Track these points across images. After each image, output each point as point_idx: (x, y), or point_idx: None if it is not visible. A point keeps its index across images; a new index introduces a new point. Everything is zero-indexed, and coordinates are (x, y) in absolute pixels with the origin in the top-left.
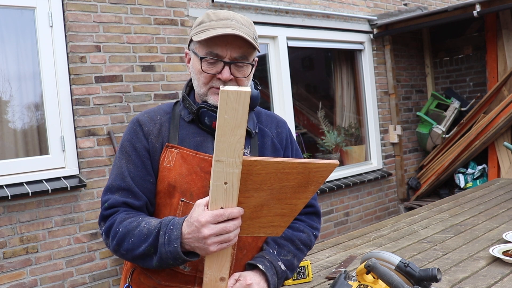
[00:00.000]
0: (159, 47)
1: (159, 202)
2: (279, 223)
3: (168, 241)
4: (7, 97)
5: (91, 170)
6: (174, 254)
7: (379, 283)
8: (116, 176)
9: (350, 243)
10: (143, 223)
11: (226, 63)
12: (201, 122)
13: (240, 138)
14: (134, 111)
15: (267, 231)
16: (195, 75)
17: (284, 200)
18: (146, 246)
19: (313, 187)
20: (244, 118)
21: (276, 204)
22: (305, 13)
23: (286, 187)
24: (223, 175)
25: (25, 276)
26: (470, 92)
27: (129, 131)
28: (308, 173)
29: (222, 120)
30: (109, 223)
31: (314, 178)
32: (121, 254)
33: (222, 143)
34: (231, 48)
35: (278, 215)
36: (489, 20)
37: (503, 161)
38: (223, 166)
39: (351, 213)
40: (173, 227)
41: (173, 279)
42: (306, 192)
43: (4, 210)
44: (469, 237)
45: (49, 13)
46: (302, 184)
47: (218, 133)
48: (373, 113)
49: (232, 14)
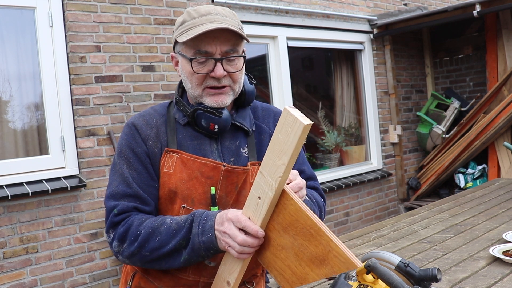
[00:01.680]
0: (159, 47)
1: (161, 208)
2: (288, 278)
3: (202, 231)
4: (7, 97)
5: (91, 170)
6: (207, 244)
7: (379, 283)
8: (120, 183)
9: (350, 243)
10: (168, 219)
11: (217, 60)
12: (197, 124)
13: (282, 165)
14: (134, 111)
15: (277, 277)
16: (186, 77)
17: (300, 259)
18: (178, 240)
19: (327, 269)
20: (291, 147)
21: (293, 258)
22: (305, 13)
23: (306, 247)
24: (260, 189)
25: (25, 276)
26: (470, 92)
27: (126, 136)
28: (328, 252)
29: (276, 137)
30: (123, 228)
31: (331, 262)
32: (141, 256)
33: (269, 158)
34: (220, 43)
35: (290, 270)
36: (489, 20)
37: (503, 161)
38: (263, 180)
39: (351, 213)
40: (207, 218)
41: (176, 284)
42: (320, 268)
43: (4, 210)
44: (469, 237)
45: (49, 13)
46: (319, 258)
47: (269, 146)
48: (373, 113)
49: (213, 8)
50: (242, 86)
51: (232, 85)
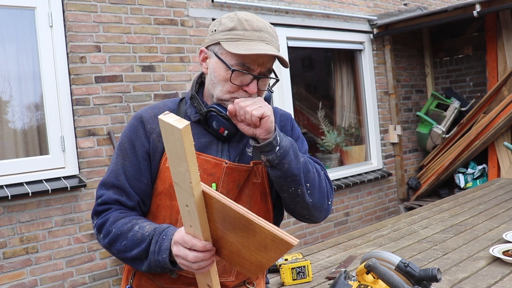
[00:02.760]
0: (159, 47)
1: (159, 203)
2: (249, 268)
3: (158, 250)
4: (7, 97)
5: (91, 170)
6: (162, 263)
7: (379, 283)
8: (111, 173)
9: (350, 243)
10: (136, 226)
11: (255, 77)
12: (208, 124)
13: (185, 171)
14: (134, 111)
15: (241, 269)
16: (218, 81)
17: (249, 250)
18: (139, 251)
19: (273, 253)
20: (183, 152)
21: (243, 250)
22: (305, 13)
23: (247, 238)
24: (183, 199)
25: (25, 276)
26: (470, 92)
27: (129, 127)
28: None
29: (167, 147)
30: (101, 220)
31: (271, 246)
32: (111, 253)
33: (174, 168)
34: (262, 64)
35: (247, 260)
36: (489, 20)
37: (503, 161)
38: (180, 189)
39: (351, 213)
40: (165, 237)
41: (176, 282)
42: (268, 253)
43: (4, 210)
44: (469, 237)
45: (49, 13)
46: (262, 244)
47: (168, 158)
48: (373, 113)
49: (264, 25)
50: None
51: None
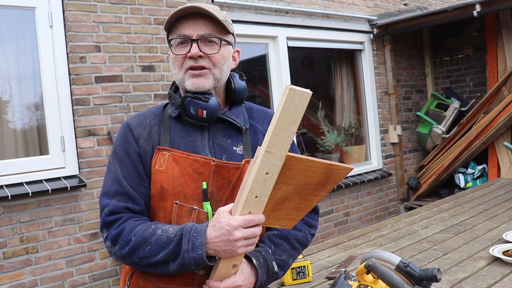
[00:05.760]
0: (159, 47)
1: (154, 206)
2: (293, 217)
3: (192, 247)
4: (7, 97)
5: (91, 170)
6: (197, 260)
7: (379, 283)
8: (113, 182)
9: (350, 243)
10: (159, 230)
11: (193, 40)
12: (187, 114)
13: (291, 133)
14: (134, 111)
15: (282, 223)
16: (172, 65)
17: (304, 195)
18: (166, 253)
19: (330, 186)
20: (300, 116)
21: (297, 199)
22: (305, 13)
23: (309, 184)
24: (268, 166)
25: (25, 276)
26: (470, 92)
27: (120, 136)
28: (330, 173)
29: (283, 115)
30: (116, 231)
31: (332, 179)
32: (131, 261)
33: (276, 135)
34: (197, 27)
35: (295, 209)
36: (489, 20)
37: (503, 161)
38: (270, 157)
39: (351, 213)
40: (197, 234)
41: (172, 281)
42: (323, 190)
43: (4, 210)
44: (469, 237)
45: (49, 13)
46: (322, 183)
47: (275, 126)
48: (373, 113)
49: (197, 3)
50: (233, 83)
51: (212, 68)
